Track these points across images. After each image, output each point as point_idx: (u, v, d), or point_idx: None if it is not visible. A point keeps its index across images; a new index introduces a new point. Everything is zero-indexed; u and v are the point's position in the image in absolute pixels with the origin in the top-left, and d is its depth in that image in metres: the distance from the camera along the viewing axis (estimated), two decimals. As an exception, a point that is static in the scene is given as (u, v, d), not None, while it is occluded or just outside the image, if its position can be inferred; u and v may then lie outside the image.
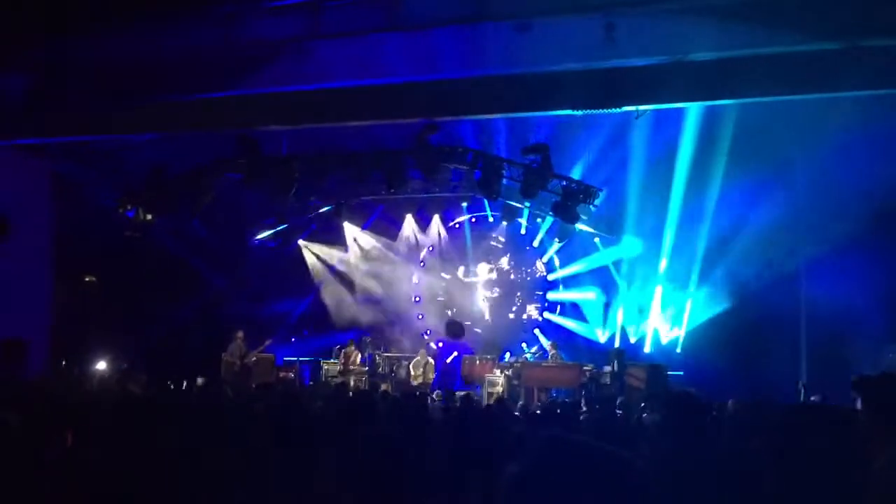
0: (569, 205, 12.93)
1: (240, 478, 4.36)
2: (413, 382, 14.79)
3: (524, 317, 17.19)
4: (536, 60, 8.99)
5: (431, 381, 14.82)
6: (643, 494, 1.47)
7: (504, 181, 13.00)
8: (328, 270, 18.31)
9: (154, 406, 6.38)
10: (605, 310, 16.07)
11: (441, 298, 17.79)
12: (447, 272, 17.81)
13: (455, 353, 16.81)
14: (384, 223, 17.99)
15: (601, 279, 16.11)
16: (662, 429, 4.70)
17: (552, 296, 16.92)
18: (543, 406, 9.78)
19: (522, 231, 16.99)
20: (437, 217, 17.59)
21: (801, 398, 10.08)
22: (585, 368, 13.90)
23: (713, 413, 6.37)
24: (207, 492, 4.27)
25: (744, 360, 12.67)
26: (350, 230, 17.95)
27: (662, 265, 14.99)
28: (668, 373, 13.30)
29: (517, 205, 15.61)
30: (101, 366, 13.31)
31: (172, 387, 11.13)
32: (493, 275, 17.52)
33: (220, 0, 8.88)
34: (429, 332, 17.46)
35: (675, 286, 15.05)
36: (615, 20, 8.21)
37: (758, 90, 9.14)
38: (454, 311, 17.57)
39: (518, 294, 17.38)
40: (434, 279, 17.93)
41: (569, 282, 16.66)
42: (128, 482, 4.15)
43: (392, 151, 13.07)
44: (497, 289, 17.47)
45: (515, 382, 14.09)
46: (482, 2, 8.39)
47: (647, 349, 15.39)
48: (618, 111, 10.08)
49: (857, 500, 2.31)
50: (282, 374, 14.73)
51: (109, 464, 4.16)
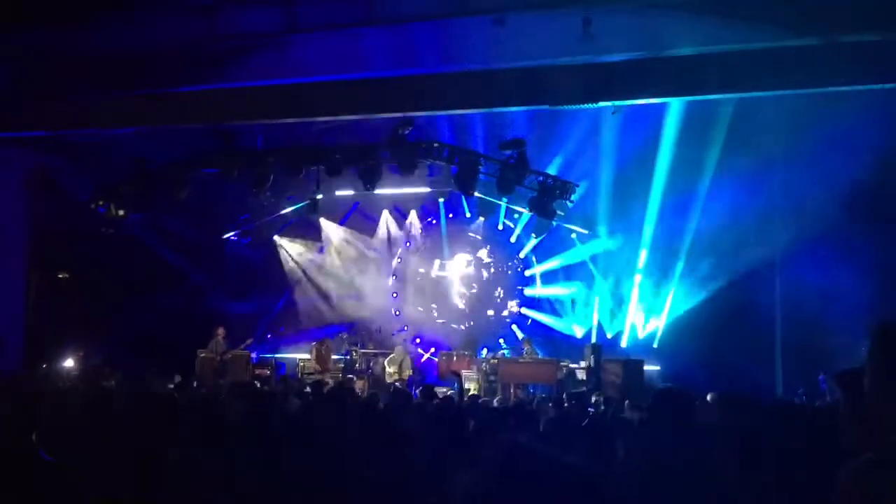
0: (545, 200, 12.96)
1: (208, 476, 4.31)
2: (388, 379, 14.74)
3: (504, 313, 17.19)
4: (514, 55, 9.01)
5: (407, 378, 14.76)
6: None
7: (481, 177, 13.00)
8: (304, 266, 18.17)
9: (125, 402, 6.29)
10: (583, 305, 16.13)
11: (418, 294, 17.75)
12: (424, 267, 17.77)
13: (432, 349, 16.81)
14: (360, 218, 17.89)
15: (578, 274, 16.16)
16: (646, 426, 4.70)
17: (529, 291, 16.95)
18: (518, 402, 9.78)
19: (500, 226, 17.00)
20: (414, 212, 17.53)
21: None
22: (562, 364, 13.94)
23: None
24: (174, 490, 4.22)
25: (721, 355, 12.80)
26: (326, 226, 17.83)
27: (641, 260, 15.08)
28: (645, 367, 13.39)
29: (494, 200, 15.61)
30: (74, 362, 13.13)
31: (146, 383, 10.97)
32: (471, 269, 17.49)
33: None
34: (405, 328, 17.42)
35: (653, 281, 15.14)
36: (593, 15, 8.25)
37: (737, 86, 9.24)
38: (432, 307, 17.52)
39: (498, 290, 17.38)
40: (411, 275, 17.88)
41: (546, 277, 16.69)
42: (96, 480, 4.08)
43: (367, 146, 13.01)
44: (475, 284, 17.47)
45: (492, 378, 14.09)
46: (462, -3, 8.39)
47: (624, 344, 15.47)
48: (594, 107, 10.13)
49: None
50: (257, 372, 14.60)
51: (77, 461, 4.09)
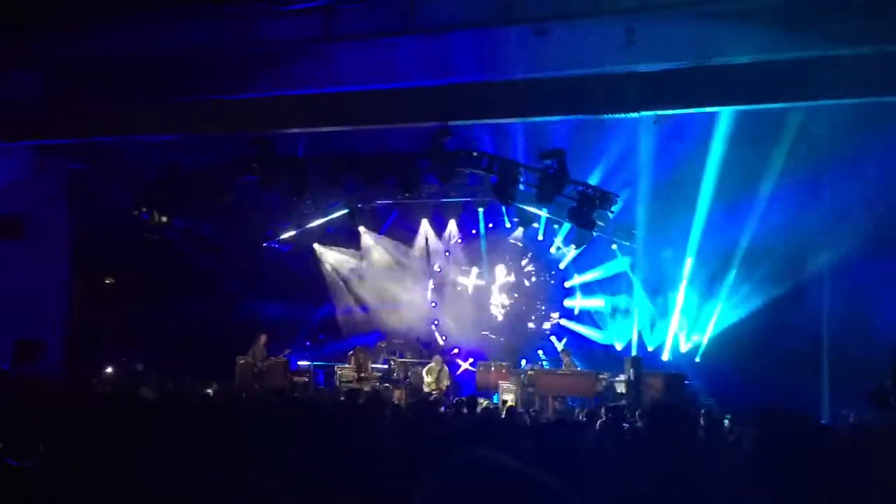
0: (585, 211, 12.77)
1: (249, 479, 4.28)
2: (425, 389, 14.66)
3: (546, 326, 16.98)
4: (555, 65, 8.89)
5: (445, 388, 14.67)
6: None
7: (521, 186, 12.87)
8: (343, 275, 18.24)
9: (164, 408, 6.33)
10: (623, 317, 15.85)
11: (456, 304, 17.65)
12: (463, 277, 17.69)
13: (471, 360, 16.69)
14: (399, 228, 17.90)
15: (619, 286, 15.89)
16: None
17: (569, 303, 16.74)
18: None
19: (540, 237, 16.82)
20: (453, 222, 17.46)
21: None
22: (601, 377, 13.71)
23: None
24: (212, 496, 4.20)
25: (766, 371, 12.40)
26: (365, 235, 17.89)
27: (685, 272, 14.74)
28: (686, 382, 13.09)
29: (534, 210, 15.46)
30: (115, 367, 13.33)
31: (186, 389, 11.09)
32: (510, 278, 17.34)
33: (237, 1, 8.86)
34: (444, 338, 17.34)
35: (697, 293, 14.77)
36: (636, 24, 8.10)
37: (783, 95, 8.98)
38: (470, 317, 17.39)
39: (537, 301, 17.19)
40: (450, 284, 17.81)
41: (586, 288, 16.47)
42: (134, 485, 4.08)
43: (406, 154, 12.98)
44: (514, 295, 17.31)
45: (530, 390, 13.93)
46: (503, 6, 8.31)
47: (666, 357, 15.14)
48: (636, 116, 9.95)
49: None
50: (295, 379, 14.66)
51: (113, 465, 4.09)
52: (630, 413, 9.32)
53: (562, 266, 16.79)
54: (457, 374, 16.31)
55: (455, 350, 17.17)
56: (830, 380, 12.75)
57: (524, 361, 15.76)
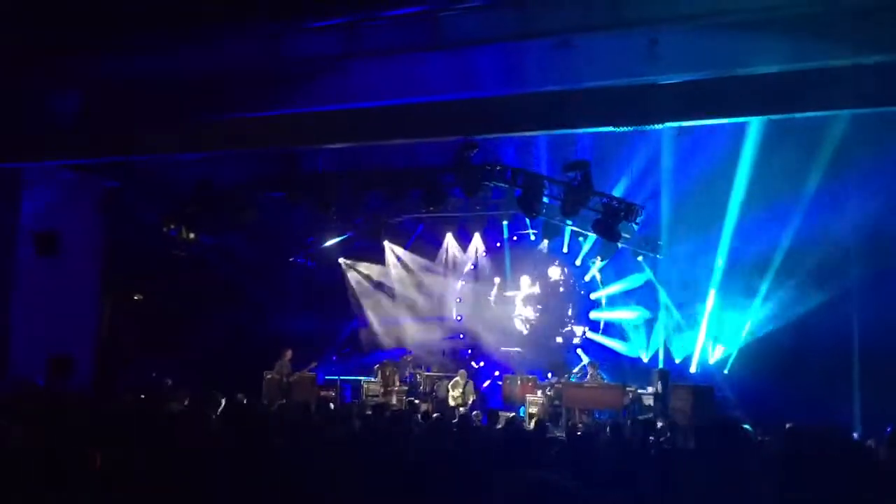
0: (610, 223, 12.72)
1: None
2: (451, 403, 14.63)
3: (573, 339, 16.88)
4: (578, 77, 8.87)
5: (470, 402, 14.63)
6: None
7: (545, 199, 12.86)
8: (369, 289, 18.32)
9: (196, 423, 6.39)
10: (649, 329, 15.73)
11: (482, 317, 17.62)
12: (488, 291, 17.67)
13: (496, 373, 16.64)
14: (424, 242, 17.96)
15: (645, 297, 15.78)
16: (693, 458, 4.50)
17: (595, 315, 16.65)
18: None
19: (565, 249, 16.77)
20: (478, 235, 17.50)
21: None
22: (628, 389, 13.60)
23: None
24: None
25: (796, 385, 12.21)
26: (390, 248, 17.96)
27: (712, 283, 14.59)
28: (715, 394, 12.93)
29: (559, 223, 15.43)
30: (145, 383, 13.44)
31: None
32: (536, 289, 17.27)
33: (262, 19, 8.98)
34: (470, 352, 17.31)
35: (725, 305, 14.61)
36: (659, 35, 8.08)
37: (812, 105, 8.87)
38: (496, 330, 17.34)
39: (563, 313, 17.10)
40: (475, 298, 17.80)
41: (611, 300, 16.38)
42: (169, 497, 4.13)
43: (431, 169, 13.04)
44: (539, 307, 17.25)
45: (557, 403, 13.86)
46: (526, 20, 8.33)
47: (694, 369, 14.99)
48: (660, 128, 9.91)
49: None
50: (322, 394, 14.71)
51: (149, 477, 4.14)
52: (662, 427, 9.21)
53: (587, 278, 16.72)
54: (483, 388, 16.27)
55: (481, 363, 17.13)
56: (862, 393, 12.52)
57: (550, 374, 15.68)
